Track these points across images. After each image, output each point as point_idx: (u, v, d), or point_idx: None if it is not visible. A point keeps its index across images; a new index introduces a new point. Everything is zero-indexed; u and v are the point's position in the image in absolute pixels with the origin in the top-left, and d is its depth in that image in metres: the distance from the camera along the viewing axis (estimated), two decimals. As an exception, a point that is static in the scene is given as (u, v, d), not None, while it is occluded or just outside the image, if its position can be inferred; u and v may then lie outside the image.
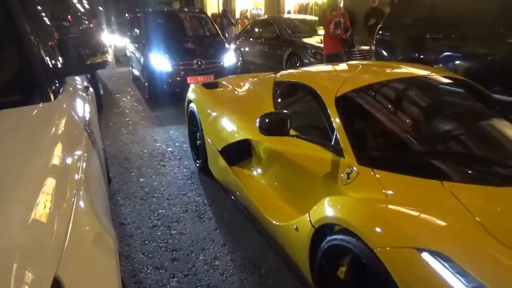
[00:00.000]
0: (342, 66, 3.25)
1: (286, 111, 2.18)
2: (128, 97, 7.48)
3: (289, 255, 2.11)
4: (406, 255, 1.32)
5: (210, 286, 2.20)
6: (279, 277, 2.25)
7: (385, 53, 6.01)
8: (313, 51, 7.68)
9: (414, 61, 4.47)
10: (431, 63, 4.93)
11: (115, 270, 1.14)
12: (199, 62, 6.60)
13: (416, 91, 2.55)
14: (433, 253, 1.27)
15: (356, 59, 7.09)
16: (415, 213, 1.51)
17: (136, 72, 8.18)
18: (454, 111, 2.45)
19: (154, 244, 2.62)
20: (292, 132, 2.26)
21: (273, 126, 2.13)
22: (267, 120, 2.13)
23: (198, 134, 3.58)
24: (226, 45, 7.56)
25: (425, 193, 1.67)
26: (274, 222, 2.22)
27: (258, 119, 2.17)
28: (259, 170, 2.77)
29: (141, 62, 7.22)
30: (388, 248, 1.37)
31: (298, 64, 7.88)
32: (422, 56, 5.28)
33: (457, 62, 4.88)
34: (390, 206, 1.59)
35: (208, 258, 2.44)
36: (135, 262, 2.44)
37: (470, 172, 1.82)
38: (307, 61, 7.67)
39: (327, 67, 3.36)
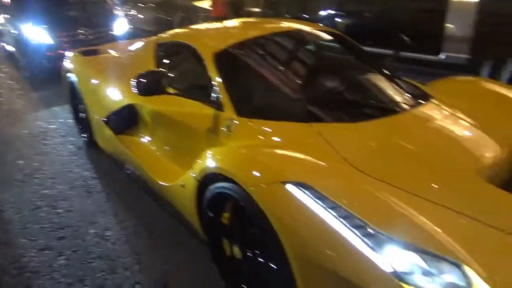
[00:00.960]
0: (225, 24, 3.23)
1: (160, 69, 2.13)
2: (1, 75, 6.59)
3: (180, 213, 2.11)
4: (274, 190, 1.41)
5: (102, 257, 2.12)
6: (172, 237, 2.25)
7: (272, 13, 6.15)
8: (205, 15, 7.51)
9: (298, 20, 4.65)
10: (314, 22, 5.18)
11: None
12: (85, 32, 5.99)
13: (293, 44, 2.66)
14: (296, 184, 1.38)
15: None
16: (284, 153, 1.61)
17: (9, 47, 7.17)
18: (326, 62, 2.62)
19: (37, 226, 2.42)
20: (172, 91, 2.22)
21: (148, 85, 2.07)
22: (141, 79, 2.07)
23: (80, 106, 3.32)
24: (115, 12, 6.96)
25: (296, 135, 1.79)
26: (163, 183, 2.20)
27: (134, 81, 2.09)
28: (146, 136, 2.69)
29: (14, 35, 6.31)
30: (259, 186, 1.45)
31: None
32: (305, 15, 5.52)
33: (336, 19, 5.21)
34: (262, 150, 1.68)
35: (99, 230, 2.34)
36: (16, 248, 2.24)
37: (335, 112, 1.98)
38: (199, 25, 7.50)
39: (210, 26, 3.31)
